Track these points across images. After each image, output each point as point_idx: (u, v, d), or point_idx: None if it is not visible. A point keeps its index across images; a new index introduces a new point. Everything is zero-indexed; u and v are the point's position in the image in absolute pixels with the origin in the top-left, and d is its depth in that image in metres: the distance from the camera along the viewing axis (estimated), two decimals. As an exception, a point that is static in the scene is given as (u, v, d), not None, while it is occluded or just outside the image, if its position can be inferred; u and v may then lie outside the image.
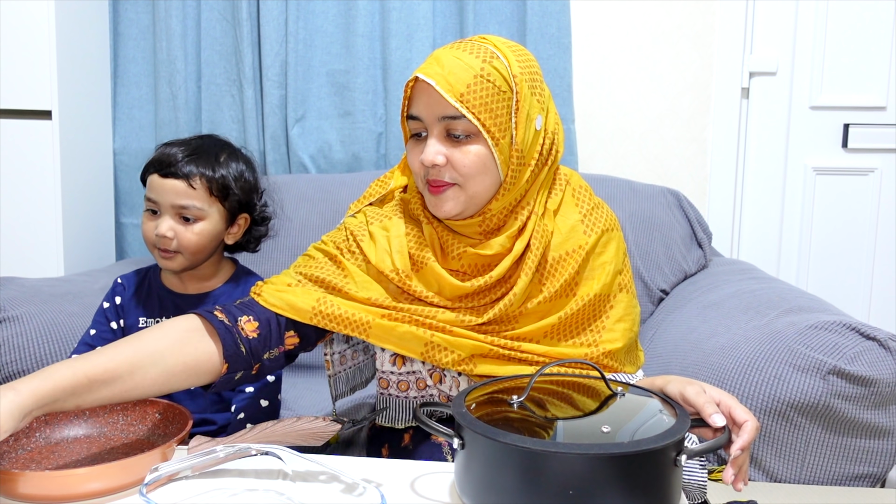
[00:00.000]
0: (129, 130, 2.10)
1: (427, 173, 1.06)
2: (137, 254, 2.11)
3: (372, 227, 1.14)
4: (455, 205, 1.06)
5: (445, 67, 1.02)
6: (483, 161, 1.03)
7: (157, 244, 1.25)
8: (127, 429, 1.08)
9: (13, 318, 1.39)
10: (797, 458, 1.24)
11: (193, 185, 1.24)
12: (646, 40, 2.07)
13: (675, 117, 2.09)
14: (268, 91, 2.03)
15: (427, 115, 1.04)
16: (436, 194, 1.06)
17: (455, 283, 1.07)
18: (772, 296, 1.47)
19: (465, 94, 1.00)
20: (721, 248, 2.11)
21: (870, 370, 1.19)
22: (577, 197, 1.14)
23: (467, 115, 1.01)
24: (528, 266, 1.07)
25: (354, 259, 1.12)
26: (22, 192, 1.82)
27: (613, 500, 0.74)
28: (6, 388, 0.83)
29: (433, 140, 1.04)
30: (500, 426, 0.80)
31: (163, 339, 0.99)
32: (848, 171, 2.13)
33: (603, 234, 1.12)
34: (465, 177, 1.04)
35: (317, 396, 1.59)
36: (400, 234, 1.11)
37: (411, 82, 1.05)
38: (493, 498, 0.78)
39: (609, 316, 1.11)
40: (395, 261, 1.09)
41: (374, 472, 0.96)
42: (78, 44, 1.89)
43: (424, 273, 1.09)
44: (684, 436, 0.80)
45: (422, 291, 1.08)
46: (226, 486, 0.93)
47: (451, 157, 1.03)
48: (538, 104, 1.06)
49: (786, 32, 2.10)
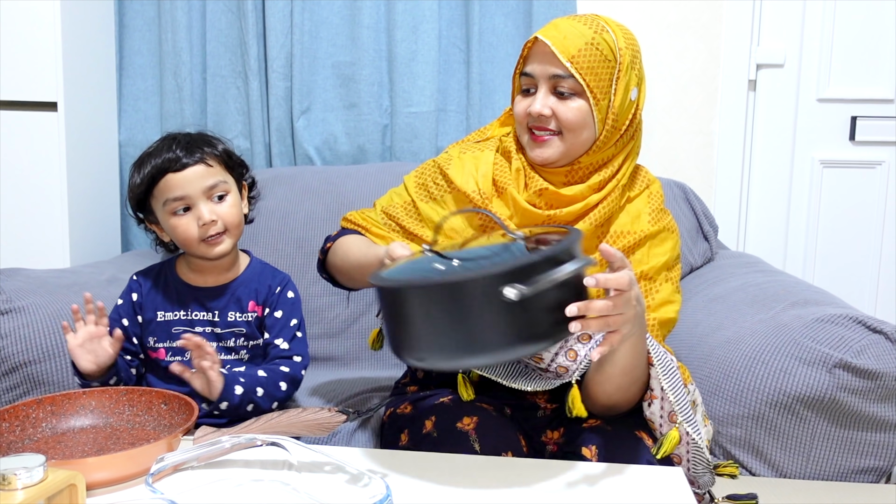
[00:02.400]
0: (135, 122, 2.10)
1: (532, 121, 1.18)
2: (143, 245, 2.11)
3: (463, 156, 1.28)
4: (553, 152, 1.18)
5: (561, 32, 1.15)
6: (583, 116, 1.16)
7: (203, 235, 1.25)
8: (133, 419, 1.09)
9: (20, 309, 1.40)
10: (803, 452, 1.24)
11: (210, 163, 1.26)
12: (652, 32, 2.06)
13: (681, 110, 2.08)
14: (273, 83, 2.02)
15: (539, 72, 1.17)
16: (540, 141, 1.18)
17: (530, 210, 1.18)
18: (778, 289, 1.47)
19: (575, 56, 1.13)
20: (727, 241, 2.10)
21: (876, 363, 1.19)
22: (650, 198, 1.26)
23: (575, 75, 1.14)
24: (591, 218, 1.18)
25: (437, 189, 1.28)
26: (28, 184, 1.82)
27: (441, 326, 0.86)
28: None
29: (542, 94, 1.17)
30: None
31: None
32: (855, 163, 2.12)
33: (664, 230, 1.23)
34: (566, 128, 1.16)
35: (323, 388, 1.60)
36: (488, 162, 1.25)
37: (529, 43, 1.18)
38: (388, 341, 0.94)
39: (654, 298, 1.19)
40: (478, 182, 1.23)
41: (379, 463, 0.96)
42: (83, 36, 1.89)
43: (504, 198, 1.21)
44: (506, 272, 0.84)
45: (497, 213, 1.20)
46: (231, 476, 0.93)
47: (556, 110, 1.16)
48: (635, 77, 1.19)
49: (793, 24, 2.09)
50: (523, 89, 1.21)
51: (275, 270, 1.37)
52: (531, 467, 0.99)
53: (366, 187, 1.86)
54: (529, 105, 1.18)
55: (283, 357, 1.29)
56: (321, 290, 1.81)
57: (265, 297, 1.32)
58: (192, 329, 1.31)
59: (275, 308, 1.32)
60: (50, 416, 1.05)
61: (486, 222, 1.22)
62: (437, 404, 1.20)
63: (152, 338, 1.31)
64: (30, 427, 1.03)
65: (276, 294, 1.32)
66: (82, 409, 1.08)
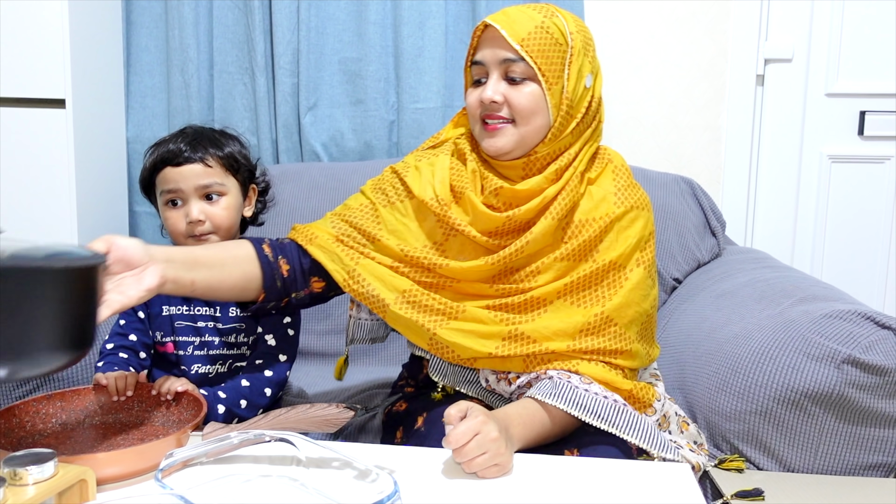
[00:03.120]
0: (142, 119, 2.11)
1: (484, 110, 1.15)
2: (150, 241, 2.10)
3: (419, 163, 1.24)
4: (507, 141, 1.15)
5: (510, 17, 1.13)
6: (536, 101, 1.13)
7: (189, 232, 1.27)
8: (142, 415, 1.09)
9: (29, 306, 1.40)
10: (811, 448, 1.23)
11: (209, 164, 1.28)
12: (660, 27, 2.05)
13: (689, 105, 2.08)
14: (280, 79, 2.02)
15: (489, 58, 1.14)
16: (491, 131, 1.15)
17: (487, 213, 1.15)
18: (786, 284, 1.46)
19: (525, 40, 1.11)
20: (735, 236, 2.09)
21: (885, 359, 1.18)
22: (615, 174, 1.22)
23: (526, 58, 1.11)
24: (552, 213, 1.14)
25: (396, 196, 1.22)
26: (36, 181, 1.83)
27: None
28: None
29: (493, 80, 1.14)
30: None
31: (237, 250, 1.16)
32: (864, 158, 2.11)
33: (632, 210, 1.19)
34: (518, 114, 1.13)
35: (330, 384, 1.60)
36: (444, 167, 1.21)
37: (478, 31, 1.16)
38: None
39: (622, 286, 1.16)
40: (436, 189, 1.19)
41: (387, 459, 0.97)
42: (91, 33, 1.89)
43: (462, 203, 1.17)
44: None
45: (457, 220, 1.16)
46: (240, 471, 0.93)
47: (508, 96, 1.13)
48: (589, 64, 1.17)
49: (801, 19, 2.07)
50: (475, 80, 1.18)
51: None
52: (540, 463, 0.99)
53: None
54: (481, 93, 1.15)
55: (268, 354, 1.30)
56: (328, 286, 1.81)
57: None
58: (195, 324, 1.31)
59: None
60: (60, 412, 1.06)
61: (444, 228, 1.18)
62: (429, 401, 1.22)
63: (159, 332, 1.32)
64: (40, 423, 1.03)
65: None
66: (92, 405, 1.09)
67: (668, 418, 1.21)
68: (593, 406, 1.05)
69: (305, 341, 1.76)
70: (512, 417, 1.02)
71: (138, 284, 0.95)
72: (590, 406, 1.05)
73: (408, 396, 1.28)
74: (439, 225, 1.18)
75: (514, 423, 1.01)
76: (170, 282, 1.01)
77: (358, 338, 1.33)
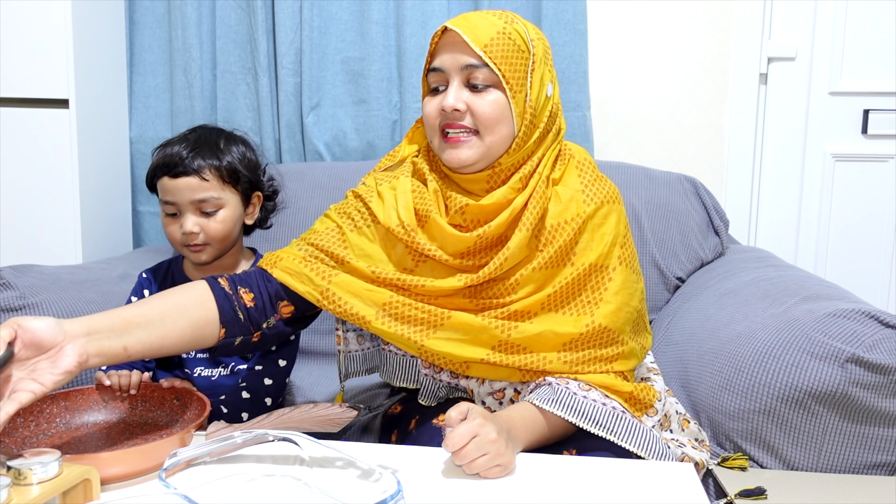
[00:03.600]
0: (146, 119, 2.11)
1: (444, 120, 1.09)
2: (154, 241, 2.12)
3: (381, 188, 1.18)
4: (472, 153, 1.09)
5: (471, 22, 1.08)
6: (501, 109, 1.08)
7: (184, 242, 1.28)
8: (146, 415, 1.10)
9: (34, 305, 1.41)
10: (814, 447, 1.23)
11: (205, 177, 1.26)
12: (662, 26, 2.05)
13: (692, 104, 2.07)
14: (283, 79, 2.03)
15: (450, 65, 1.09)
16: (453, 142, 1.09)
17: (456, 235, 1.10)
18: (789, 283, 1.46)
19: (488, 45, 1.06)
20: (738, 235, 2.09)
21: (889, 358, 1.18)
22: (580, 169, 1.17)
23: (490, 64, 1.06)
24: (525, 224, 1.09)
25: (363, 221, 1.16)
26: (40, 181, 1.83)
27: None
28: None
29: (455, 87, 1.08)
30: None
31: (182, 296, 1.07)
32: (868, 157, 2.11)
33: (603, 206, 1.14)
34: (482, 124, 1.08)
35: (332, 384, 1.60)
36: (406, 191, 1.15)
37: (436, 37, 1.11)
38: None
39: (607, 288, 1.13)
40: (400, 215, 1.13)
41: (390, 459, 0.97)
42: (94, 33, 1.89)
43: (429, 226, 1.12)
44: None
45: (426, 245, 1.11)
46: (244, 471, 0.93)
47: (470, 104, 1.08)
48: (549, 73, 1.12)
49: (805, 17, 2.07)
50: (432, 88, 1.12)
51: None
52: (543, 463, 0.99)
53: (375, 183, 1.86)
54: (441, 101, 1.09)
55: (268, 359, 1.30)
56: (331, 285, 1.81)
57: None
58: None
59: None
60: (64, 412, 1.06)
61: (413, 254, 1.13)
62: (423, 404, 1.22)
63: None
64: (44, 423, 1.04)
65: None
66: (96, 405, 1.09)
67: (669, 417, 1.20)
68: (591, 413, 1.04)
69: (307, 340, 1.77)
70: (514, 419, 1.01)
71: (53, 368, 0.86)
72: (588, 413, 1.04)
73: (403, 399, 1.28)
74: (408, 251, 1.13)
75: (516, 425, 1.01)
76: (94, 356, 0.91)
77: (353, 371, 1.29)
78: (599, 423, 1.04)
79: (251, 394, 1.30)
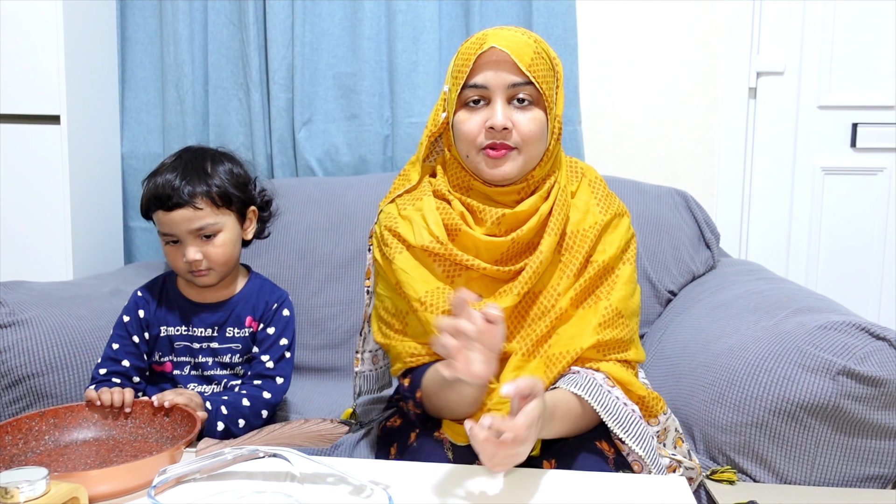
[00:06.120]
0: (137, 134, 2.11)
1: (489, 138, 1.13)
2: (146, 257, 2.12)
3: (405, 212, 1.22)
4: (513, 167, 1.14)
5: (510, 40, 1.12)
6: (541, 127, 1.14)
7: (188, 269, 1.28)
8: (135, 431, 1.09)
9: (23, 322, 1.40)
10: (807, 460, 1.23)
11: (198, 206, 1.26)
12: (652, 41, 2.07)
13: (682, 118, 2.09)
14: (274, 94, 2.03)
15: (495, 83, 1.12)
16: (499, 157, 1.13)
17: (491, 241, 1.16)
18: (781, 296, 1.46)
19: (531, 65, 1.11)
20: (729, 248, 2.10)
21: (880, 370, 1.18)
22: (592, 186, 1.26)
23: (535, 82, 1.11)
24: (552, 228, 1.17)
25: (397, 249, 1.19)
26: (31, 197, 1.83)
27: None
28: None
29: (500, 105, 1.12)
30: None
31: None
32: (856, 170, 2.12)
33: (615, 217, 1.24)
34: (525, 141, 1.13)
35: (324, 399, 1.59)
36: (432, 209, 1.20)
37: (476, 52, 1.12)
38: None
39: (617, 278, 1.22)
40: (432, 231, 1.18)
41: (381, 474, 0.96)
42: (86, 49, 1.90)
43: (461, 238, 1.17)
44: None
45: (463, 256, 1.16)
46: (234, 488, 0.93)
47: (515, 122, 1.13)
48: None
49: (793, 32, 2.09)
50: (471, 101, 1.14)
51: (273, 287, 1.37)
52: (535, 477, 0.98)
53: (367, 198, 1.86)
54: (488, 119, 1.12)
55: (265, 376, 1.30)
56: (322, 301, 1.81)
57: (262, 313, 1.33)
58: (192, 345, 1.31)
59: (268, 324, 1.32)
60: (52, 429, 1.06)
61: (448, 269, 1.18)
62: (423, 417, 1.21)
63: (158, 352, 1.32)
64: (32, 440, 1.03)
65: (272, 310, 1.33)
66: (85, 422, 1.08)
67: (667, 432, 1.21)
68: (617, 412, 1.08)
69: (299, 356, 1.76)
70: (556, 414, 1.04)
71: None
72: (615, 412, 1.08)
73: (403, 412, 1.28)
74: (441, 267, 1.18)
75: (556, 419, 1.04)
76: None
77: (366, 390, 1.35)
78: (622, 424, 1.07)
79: (251, 404, 1.29)
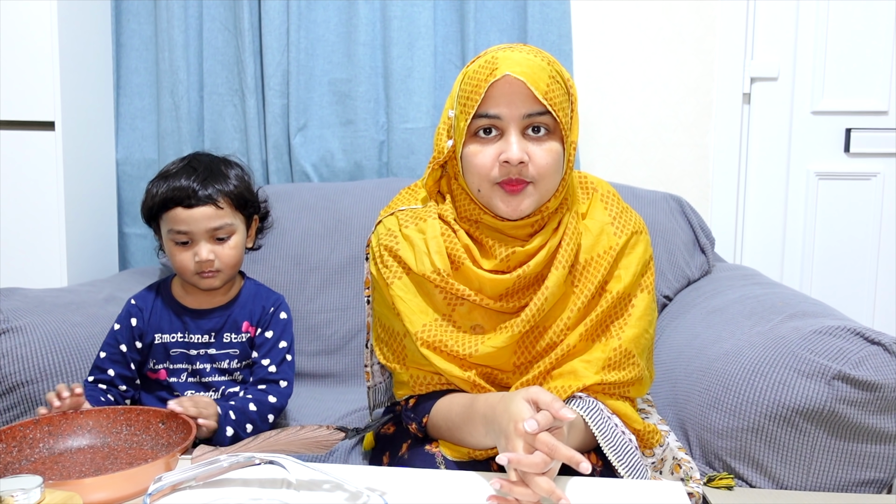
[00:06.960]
0: (132, 141, 2.11)
1: (502, 173, 1.05)
2: (140, 264, 2.11)
3: (406, 231, 1.15)
4: (531, 202, 1.07)
5: (524, 66, 1.02)
6: (557, 159, 1.06)
7: (198, 270, 1.27)
8: (130, 438, 1.08)
9: (16, 329, 1.39)
10: (803, 464, 1.23)
11: (220, 205, 1.27)
12: (647, 47, 2.07)
13: (676, 123, 2.09)
14: (270, 100, 2.03)
15: (510, 112, 1.03)
16: (515, 193, 1.05)
17: (496, 279, 1.09)
18: (775, 301, 1.47)
19: (547, 92, 1.02)
20: (724, 253, 2.10)
21: (875, 375, 1.19)
22: (605, 202, 1.17)
23: (552, 112, 1.03)
24: (560, 262, 1.09)
25: (395, 273, 1.13)
26: (25, 203, 1.82)
27: None
28: None
29: (515, 138, 1.03)
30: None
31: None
32: (850, 175, 2.13)
33: (632, 236, 1.16)
34: (541, 175, 1.05)
35: (320, 406, 1.59)
36: (436, 235, 1.12)
37: (487, 79, 1.03)
38: None
39: (631, 314, 1.13)
40: (434, 261, 1.11)
41: (377, 481, 0.96)
42: (80, 55, 1.89)
43: (464, 271, 1.10)
44: None
45: (465, 291, 1.10)
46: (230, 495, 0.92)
47: (531, 155, 1.04)
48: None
49: (787, 37, 2.10)
50: (481, 130, 1.05)
51: (269, 291, 1.37)
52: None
53: (363, 204, 1.86)
54: (502, 152, 1.04)
55: (268, 381, 1.30)
56: (318, 307, 1.81)
57: (259, 318, 1.33)
58: (188, 351, 1.31)
59: (266, 328, 1.32)
60: (47, 437, 1.05)
61: (449, 298, 1.12)
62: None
63: (153, 360, 1.32)
64: (27, 448, 1.02)
65: (269, 314, 1.33)
66: (80, 430, 1.08)
67: (664, 462, 1.20)
68: (615, 440, 1.05)
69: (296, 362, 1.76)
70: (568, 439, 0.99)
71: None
72: (614, 439, 1.04)
73: (397, 419, 1.27)
74: (443, 296, 1.12)
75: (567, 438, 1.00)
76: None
77: (379, 402, 1.31)
78: (618, 454, 1.04)
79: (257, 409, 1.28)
